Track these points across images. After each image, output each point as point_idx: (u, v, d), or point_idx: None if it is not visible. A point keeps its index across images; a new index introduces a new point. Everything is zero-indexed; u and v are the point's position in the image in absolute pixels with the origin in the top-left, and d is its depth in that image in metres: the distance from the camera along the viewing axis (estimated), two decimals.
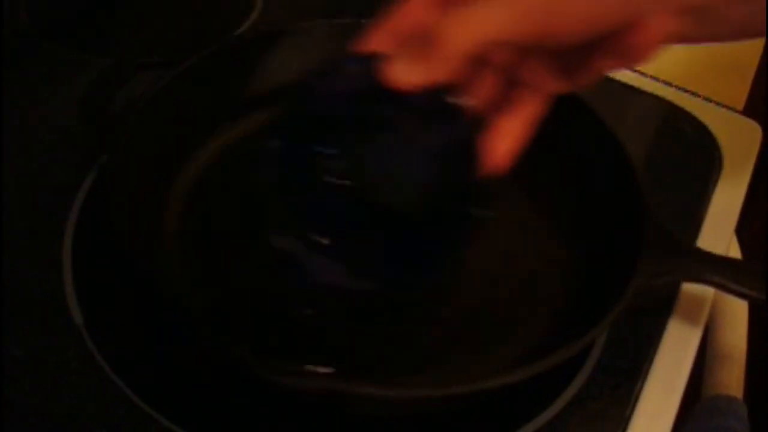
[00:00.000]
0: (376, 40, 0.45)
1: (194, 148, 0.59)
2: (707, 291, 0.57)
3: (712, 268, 0.52)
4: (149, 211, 0.54)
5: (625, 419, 0.51)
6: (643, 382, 0.52)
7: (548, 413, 0.50)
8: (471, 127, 0.46)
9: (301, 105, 0.48)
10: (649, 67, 0.72)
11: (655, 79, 0.71)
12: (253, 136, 0.60)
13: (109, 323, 0.51)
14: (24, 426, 0.46)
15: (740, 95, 0.72)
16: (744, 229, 0.65)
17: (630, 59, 0.43)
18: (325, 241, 0.47)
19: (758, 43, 0.75)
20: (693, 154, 0.66)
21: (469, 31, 0.40)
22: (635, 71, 0.71)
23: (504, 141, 0.47)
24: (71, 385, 0.48)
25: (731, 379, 0.61)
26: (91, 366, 0.49)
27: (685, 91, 0.71)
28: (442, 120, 0.46)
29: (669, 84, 0.71)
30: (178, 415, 0.47)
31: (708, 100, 0.70)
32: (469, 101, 0.46)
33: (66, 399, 0.47)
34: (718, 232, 0.62)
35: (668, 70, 0.72)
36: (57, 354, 0.49)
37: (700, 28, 0.43)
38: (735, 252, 0.65)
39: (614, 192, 0.55)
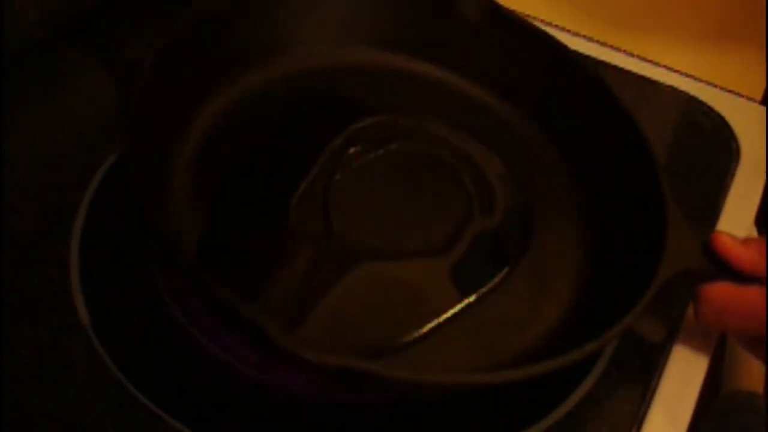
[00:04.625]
0: None
1: (210, 94, 0.57)
2: None
3: None
4: (163, 162, 0.53)
5: (640, 416, 0.50)
6: (658, 379, 0.51)
7: (561, 410, 0.49)
8: None
9: None
10: (666, 58, 0.71)
11: (672, 70, 0.71)
12: (268, 84, 0.59)
13: (115, 323, 0.51)
14: (30, 426, 0.46)
15: (758, 85, 0.71)
16: (764, 220, 0.64)
17: None
18: None
19: None
20: (711, 145, 0.66)
21: None
22: (652, 62, 0.70)
23: None
24: (78, 385, 0.48)
25: (751, 373, 0.60)
26: (98, 366, 0.48)
27: (702, 81, 0.70)
28: None
29: (686, 75, 0.70)
30: (184, 414, 0.47)
31: (725, 90, 0.69)
32: None
33: (72, 399, 0.47)
34: (737, 224, 0.61)
35: (685, 61, 0.71)
36: (63, 354, 0.49)
37: None
38: None
39: (638, 188, 0.55)
